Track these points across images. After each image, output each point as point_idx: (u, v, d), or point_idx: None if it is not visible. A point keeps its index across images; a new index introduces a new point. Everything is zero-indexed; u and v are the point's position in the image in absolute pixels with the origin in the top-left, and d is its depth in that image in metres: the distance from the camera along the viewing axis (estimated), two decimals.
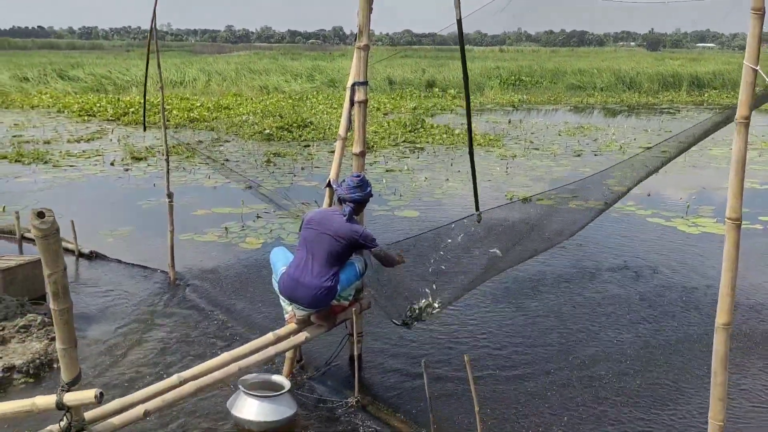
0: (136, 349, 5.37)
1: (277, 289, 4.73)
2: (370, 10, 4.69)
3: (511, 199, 10.43)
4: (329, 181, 4.86)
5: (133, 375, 4.94)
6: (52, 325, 5.56)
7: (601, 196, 5.42)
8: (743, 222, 2.46)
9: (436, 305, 4.76)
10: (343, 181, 4.61)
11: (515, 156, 14.49)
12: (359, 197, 4.45)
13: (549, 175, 12.39)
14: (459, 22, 4.05)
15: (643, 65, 36.18)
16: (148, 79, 25.78)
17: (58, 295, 3.28)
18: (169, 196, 6.87)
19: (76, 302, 6.27)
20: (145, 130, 7.30)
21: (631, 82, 31.82)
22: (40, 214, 3.15)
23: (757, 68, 2.32)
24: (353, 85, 4.89)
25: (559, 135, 17.87)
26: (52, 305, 3.28)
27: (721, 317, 2.66)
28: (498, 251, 4.62)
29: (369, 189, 4.54)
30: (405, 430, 4.38)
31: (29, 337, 5.26)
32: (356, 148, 4.94)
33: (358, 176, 4.53)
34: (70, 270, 7.12)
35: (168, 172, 6.98)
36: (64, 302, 3.31)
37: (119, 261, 7.48)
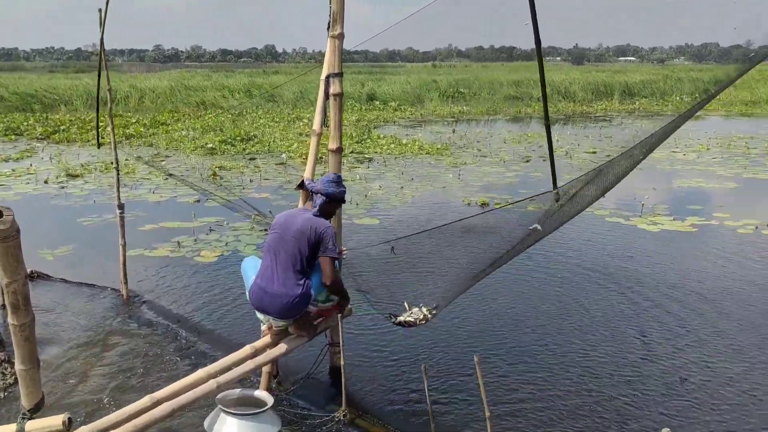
0: (95, 372, 4.87)
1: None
2: None
3: (468, 204, 10.30)
4: (302, 181, 4.50)
5: (95, 400, 4.47)
6: None
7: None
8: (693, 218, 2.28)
9: (426, 313, 4.44)
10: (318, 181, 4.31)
11: (465, 163, 14.43)
12: (332, 192, 4.11)
13: (502, 181, 12.36)
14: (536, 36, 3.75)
15: (572, 77, 37.12)
16: (82, 96, 24.62)
17: (18, 307, 2.85)
18: (120, 207, 6.39)
19: None
20: (99, 147, 6.80)
21: (565, 92, 32.56)
22: None
23: None
24: (327, 77, 4.60)
25: (505, 143, 17.98)
26: (11, 320, 2.85)
27: None
28: (539, 226, 4.32)
29: (343, 189, 4.22)
30: None
31: None
32: (332, 144, 4.66)
33: (337, 174, 4.26)
34: None
35: (118, 182, 6.48)
36: (26, 316, 2.88)
37: (64, 280, 6.90)
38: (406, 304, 4.47)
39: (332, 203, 4.17)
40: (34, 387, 2.98)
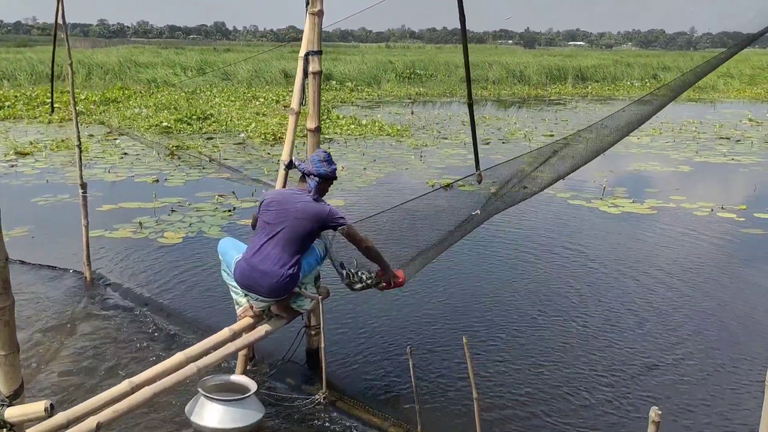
0: (65, 356, 4.71)
1: (229, 280, 4.27)
2: None
3: (432, 186, 10.32)
4: (291, 161, 4.36)
5: (68, 385, 4.32)
6: None
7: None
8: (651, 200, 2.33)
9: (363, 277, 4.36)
10: (304, 160, 4.23)
11: (426, 145, 14.45)
12: (325, 172, 4.05)
13: (464, 163, 12.42)
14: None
15: (524, 60, 37.48)
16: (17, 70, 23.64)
17: None
18: (83, 186, 6.16)
19: None
20: (52, 113, 6.52)
21: (521, 75, 32.86)
22: None
23: None
24: (306, 54, 4.50)
25: (464, 124, 18.04)
26: None
27: None
28: (479, 211, 4.36)
29: (335, 167, 4.15)
30: (382, 423, 4.07)
31: None
32: (311, 123, 4.57)
33: (325, 152, 4.17)
34: None
35: (80, 160, 6.24)
36: (5, 299, 2.77)
37: (22, 262, 6.64)
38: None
39: (326, 182, 4.11)
40: (13, 372, 2.85)
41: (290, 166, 4.34)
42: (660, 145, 15.31)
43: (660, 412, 2.74)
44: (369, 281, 4.29)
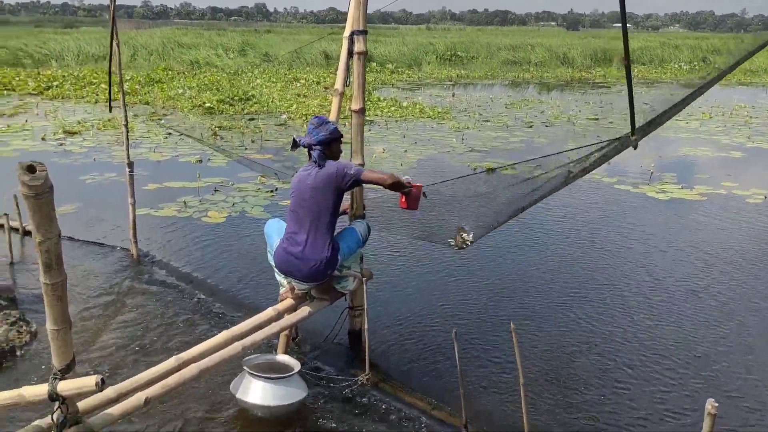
0: (113, 331, 4.80)
1: (272, 261, 4.28)
2: None
3: (475, 169, 10.21)
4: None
5: (116, 360, 4.40)
6: (10, 308, 4.93)
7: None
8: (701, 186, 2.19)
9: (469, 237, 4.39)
10: None
11: (468, 128, 14.29)
12: (324, 137, 3.95)
13: (507, 146, 12.24)
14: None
15: (569, 42, 36.72)
16: (68, 53, 24.17)
17: (51, 266, 2.77)
18: (130, 165, 6.23)
19: (28, 285, 5.65)
20: (110, 110, 6.67)
21: (564, 57, 32.24)
22: (30, 168, 2.62)
23: None
24: (351, 34, 4.44)
25: (506, 107, 17.82)
26: (43, 278, 2.77)
27: None
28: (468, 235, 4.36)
29: (333, 126, 4.03)
30: (425, 407, 4.04)
31: None
32: (355, 105, 4.53)
33: (316, 117, 4.07)
34: (16, 250, 6.38)
35: (128, 140, 6.31)
36: (59, 274, 2.80)
37: (71, 238, 6.77)
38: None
39: (331, 146, 4.00)
40: (65, 347, 2.90)
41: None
42: (710, 129, 14.86)
43: (717, 405, 2.65)
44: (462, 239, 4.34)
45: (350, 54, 4.47)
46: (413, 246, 6.54)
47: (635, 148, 3.34)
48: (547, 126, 14.72)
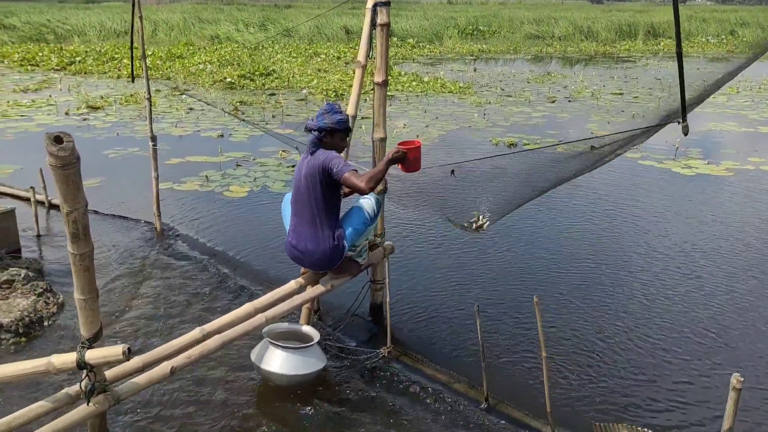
0: (138, 302, 4.88)
1: None
2: None
3: (496, 144, 10.13)
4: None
5: (139, 331, 4.47)
6: (37, 280, 5.02)
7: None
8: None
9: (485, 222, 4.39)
10: None
11: (489, 103, 14.15)
12: (326, 124, 3.75)
13: (529, 121, 12.11)
14: None
15: (593, 16, 36.07)
16: (92, 27, 24.26)
17: (78, 236, 2.79)
18: (153, 139, 6.27)
19: (54, 257, 5.74)
20: (133, 81, 6.68)
21: (588, 31, 31.69)
22: (57, 139, 2.66)
23: None
24: (375, 5, 4.39)
25: (528, 82, 17.60)
26: (71, 249, 2.80)
27: None
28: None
29: (340, 117, 3.81)
30: (447, 380, 4.06)
31: (13, 293, 4.69)
32: (378, 77, 4.51)
33: (330, 103, 3.89)
34: (41, 222, 6.48)
35: (151, 114, 6.33)
36: (86, 245, 2.83)
37: (96, 212, 6.85)
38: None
39: (333, 135, 3.81)
40: (93, 317, 2.95)
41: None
42: (737, 104, 14.56)
43: (742, 379, 2.63)
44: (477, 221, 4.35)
45: (373, 25, 4.43)
46: (435, 221, 6.52)
47: (686, 134, 3.32)
48: (570, 101, 14.53)
